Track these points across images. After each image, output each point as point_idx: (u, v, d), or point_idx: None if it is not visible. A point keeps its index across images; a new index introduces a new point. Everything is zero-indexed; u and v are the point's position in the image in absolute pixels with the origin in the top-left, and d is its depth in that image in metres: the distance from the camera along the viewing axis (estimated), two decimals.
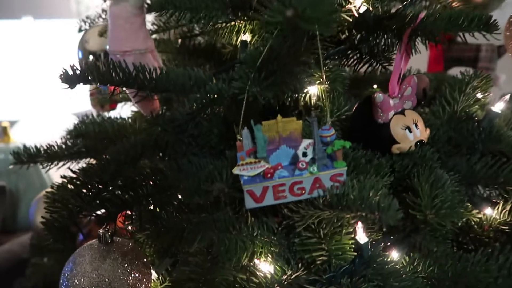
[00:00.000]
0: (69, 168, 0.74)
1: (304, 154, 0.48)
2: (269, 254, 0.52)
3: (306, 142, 0.48)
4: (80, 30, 0.94)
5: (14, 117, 2.02)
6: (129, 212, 0.59)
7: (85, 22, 0.97)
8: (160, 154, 0.70)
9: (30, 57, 1.93)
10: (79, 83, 0.57)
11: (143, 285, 0.58)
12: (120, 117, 0.92)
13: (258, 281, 0.52)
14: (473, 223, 0.64)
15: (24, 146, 0.83)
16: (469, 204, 0.65)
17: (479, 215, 0.65)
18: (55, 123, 1.90)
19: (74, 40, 0.89)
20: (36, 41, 1.93)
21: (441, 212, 0.48)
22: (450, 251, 0.57)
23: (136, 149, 0.65)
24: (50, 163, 0.73)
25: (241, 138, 0.47)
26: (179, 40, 0.99)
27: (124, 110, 1.02)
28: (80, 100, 1.63)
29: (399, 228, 0.59)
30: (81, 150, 0.74)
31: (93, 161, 0.71)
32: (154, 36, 0.94)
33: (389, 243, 0.57)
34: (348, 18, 0.58)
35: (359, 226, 0.49)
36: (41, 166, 0.79)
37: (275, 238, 0.53)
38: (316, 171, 0.47)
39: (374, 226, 0.54)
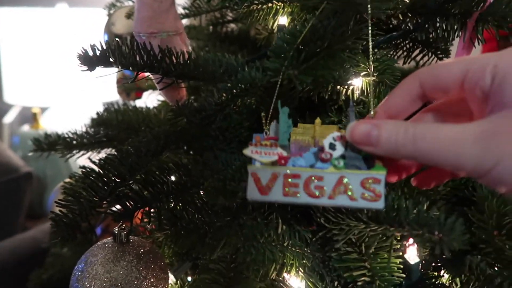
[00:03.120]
0: (89, 158, 0.70)
1: (332, 146, 0.39)
2: (300, 268, 0.45)
3: (336, 133, 0.39)
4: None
5: (45, 103, 2.03)
6: (147, 209, 0.53)
7: (114, 5, 0.93)
8: (185, 147, 0.64)
9: (63, 45, 1.93)
10: (98, 65, 0.51)
11: None
12: (146, 106, 0.88)
13: None
14: None
15: (45, 133, 0.79)
16: None
17: None
18: (85, 111, 1.90)
19: None
20: (70, 29, 1.92)
21: None
22: None
23: (158, 141, 0.59)
24: (68, 152, 0.68)
25: (268, 132, 0.40)
26: (210, 27, 0.93)
27: (150, 99, 0.98)
28: (111, 89, 1.62)
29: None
30: (102, 140, 0.69)
31: (114, 152, 0.66)
32: (184, 21, 0.89)
33: (439, 264, 0.49)
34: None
35: (410, 243, 0.41)
36: (60, 155, 0.75)
37: (308, 250, 0.46)
38: (342, 166, 0.38)
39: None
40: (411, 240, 0.43)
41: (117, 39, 0.78)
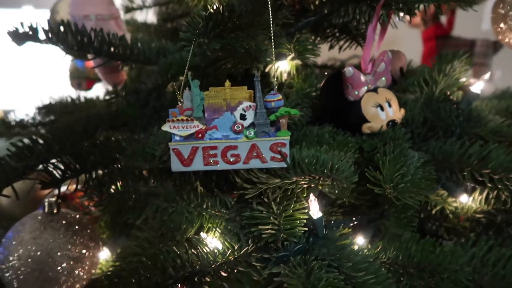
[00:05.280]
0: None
1: (243, 117, 0.44)
2: (218, 229, 0.48)
3: (246, 103, 0.44)
4: None
5: (10, 106, 2.01)
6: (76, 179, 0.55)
7: None
8: (121, 126, 0.67)
9: (29, 47, 1.92)
10: (27, 40, 0.54)
11: (87, 258, 0.54)
12: (96, 97, 0.90)
13: (204, 256, 0.48)
14: (448, 212, 0.60)
15: None
16: (444, 191, 0.61)
17: (455, 204, 0.60)
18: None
19: None
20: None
21: (400, 187, 0.44)
22: (416, 237, 0.52)
23: (92, 120, 0.62)
24: (10, 133, 0.70)
25: (181, 100, 0.44)
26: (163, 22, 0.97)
27: (103, 91, 1.00)
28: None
29: (364, 212, 0.55)
30: (42, 123, 0.71)
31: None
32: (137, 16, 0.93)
33: (351, 224, 0.52)
34: None
35: (312, 200, 0.45)
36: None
37: (226, 212, 0.49)
38: (253, 136, 0.43)
39: (336, 207, 0.50)
40: (312, 197, 0.46)
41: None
